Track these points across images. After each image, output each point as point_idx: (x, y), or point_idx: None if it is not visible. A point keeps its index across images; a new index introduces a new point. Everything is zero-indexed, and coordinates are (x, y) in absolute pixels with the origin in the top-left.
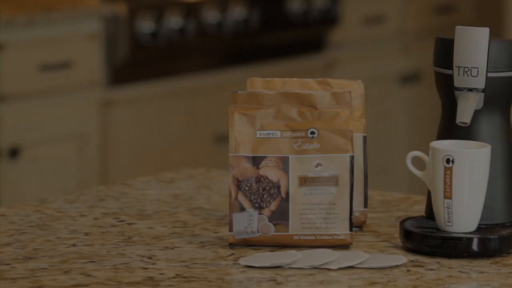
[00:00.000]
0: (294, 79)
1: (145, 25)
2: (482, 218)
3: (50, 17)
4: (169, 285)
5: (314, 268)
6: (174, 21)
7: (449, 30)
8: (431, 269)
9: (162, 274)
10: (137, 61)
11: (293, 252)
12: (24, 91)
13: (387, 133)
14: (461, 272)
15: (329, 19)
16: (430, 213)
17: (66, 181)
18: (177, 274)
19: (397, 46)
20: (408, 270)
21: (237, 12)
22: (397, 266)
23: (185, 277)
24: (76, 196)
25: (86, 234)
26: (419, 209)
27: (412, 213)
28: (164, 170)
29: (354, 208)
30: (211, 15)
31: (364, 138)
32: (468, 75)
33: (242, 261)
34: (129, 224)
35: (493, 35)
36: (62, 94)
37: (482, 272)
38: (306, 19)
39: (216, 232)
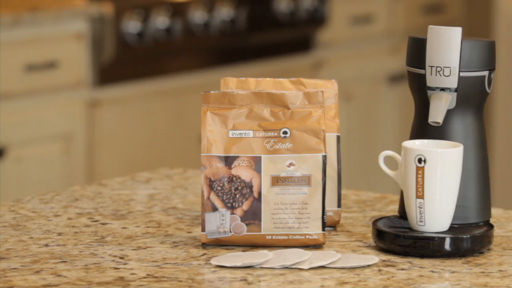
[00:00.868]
0: (267, 78)
1: (131, 25)
2: (455, 218)
3: (36, 17)
4: (139, 285)
5: (286, 268)
6: (160, 21)
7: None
8: (402, 269)
9: (133, 274)
10: (123, 61)
11: (264, 252)
12: (10, 91)
13: (375, 132)
14: (432, 271)
15: (317, 19)
16: (403, 213)
17: (52, 181)
18: (148, 274)
19: (385, 46)
20: (379, 270)
21: (224, 12)
22: (368, 266)
23: (156, 277)
24: (51, 196)
25: (59, 234)
26: (394, 209)
27: (387, 212)
28: (150, 170)
29: (328, 208)
30: (197, 15)
31: (338, 137)
32: (440, 75)
33: (214, 261)
34: (103, 224)
35: (482, 35)
36: (48, 94)
37: (453, 272)
38: (293, 19)
39: (189, 232)
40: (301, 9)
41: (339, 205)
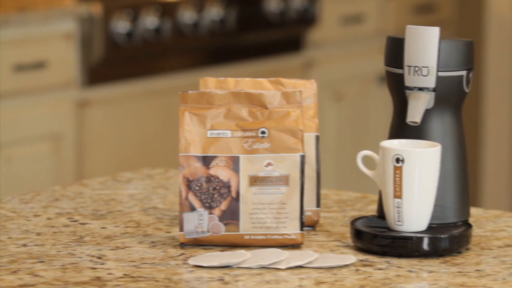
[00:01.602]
0: (246, 78)
1: (121, 25)
2: (434, 218)
3: (24, 17)
4: (116, 285)
5: (263, 267)
6: (149, 21)
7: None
8: (380, 269)
9: (110, 274)
10: (112, 61)
11: (242, 251)
12: None
13: (365, 132)
14: (409, 271)
15: (307, 18)
16: (382, 213)
17: (41, 181)
18: (125, 274)
19: (376, 46)
20: (357, 270)
21: (214, 12)
22: (346, 265)
23: (132, 277)
24: (31, 196)
25: (38, 234)
26: (375, 209)
27: (367, 212)
28: (132, 170)
29: (307, 208)
30: (187, 15)
31: (317, 137)
32: (418, 75)
33: (191, 261)
34: (82, 224)
35: (473, 34)
36: (37, 94)
37: (431, 272)
38: (283, 19)
39: (168, 232)
40: (291, 9)
41: (318, 205)
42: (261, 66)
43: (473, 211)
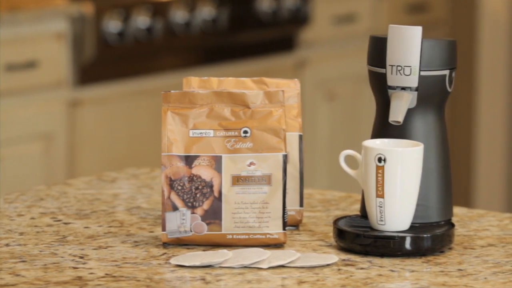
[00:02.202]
0: (230, 78)
1: (112, 25)
2: (416, 217)
3: (16, 17)
4: (97, 285)
5: (245, 267)
6: (141, 20)
7: (422, 29)
8: (362, 268)
9: (91, 273)
10: (104, 61)
11: (224, 251)
12: None
13: (358, 132)
14: (391, 271)
15: (300, 18)
16: (364, 212)
17: (33, 181)
18: (106, 274)
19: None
20: (338, 269)
21: (206, 12)
22: (328, 265)
23: (114, 276)
24: (15, 196)
25: (21, 233)
26: (359, 208)
27: (351, 212)
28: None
29: (290, 207)
30: (179, 15)
31: (300, 137)
32: (401, 74)
33: (173, 261)
34: (66, 223)
35: (466, 34)
36: (29, 94)
37: (413, 271)
38: (276, 18)
39: (151, 232)
40: (284, 8)
41: (301, 205)
42: (254, 65)
43: (457, 210)
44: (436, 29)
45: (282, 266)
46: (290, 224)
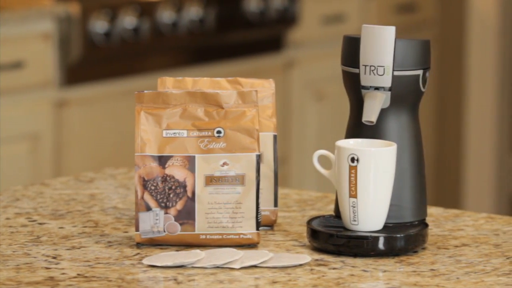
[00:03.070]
0: (204, 78)
1: (99, 25)
2: (390, 217)
3: (2, 17)
4: (68, 285)
5: (218, 267)
6: (128, 21)
7: (411, 30)
8: (334, 268)
9: (63, 274)
10: (90, 61)
11: (197, 251)
12: None
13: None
14: (364, 271)
15: (288, 18)
16: (338, 212)
17: (19, 181)
18: (78, 274)
19: None
20: (311, 269)
21: (193, 12)
22: (300, 265)
23: (86, 276)
24: None
25: None
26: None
27: (326, 212)
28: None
29: (265, 207)
30: (166, 15)
31: (275, 137)
32: (374, 74)
33: (146, 261)
34: (40, 224)
35: (455, 34)
36: (15, 94)
37: (385, 271)
38: (263, 18)
39: (125, 232)
40: (271, 8)
41: (275, 205)
42: (241, 66)
43: (433, 210)
44: (425, 29)
45: (255, 266)
46: (265, 224)
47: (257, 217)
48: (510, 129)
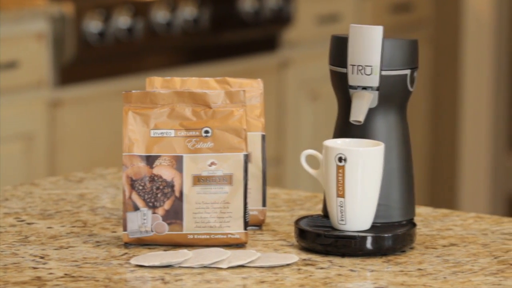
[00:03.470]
0: (193, 78)
1: (93, 25)
2: (378, 217)
3: None
4: (55, 285)
5: (205, 267)
6: (122, 20)
7: (406, 29)
8: (321, 268)
9: (51, 273)
10: (84, 61)
11: (184, 251)
12: None
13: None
14: (351, 270)
15: (282, 18)
16: (326, 212)
17: (13, 181)
18: (65, 274)
19: None
20: (298, 269)
21: (187, 12)
22: (288, 265)
23: (73, 276)
24: None
25: None
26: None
27: (315, 212)
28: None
29: (253, 207)
30: (160, 15)
31: (263, 136)
32: (362, 74)
33: (133, 261)
34: (29, 224)
35: (451, 34)
36: (9, 94)
37: (372, 271)
38: (258, 18)
39: (114, 232)
40: (266, 8)
41: (264, 204)
42: (236, 66)
43: (422, 210)
44: (420, 29)
45: (242, 266)
46: (253, 224)
47: (245, 217)
48: (506, 128)
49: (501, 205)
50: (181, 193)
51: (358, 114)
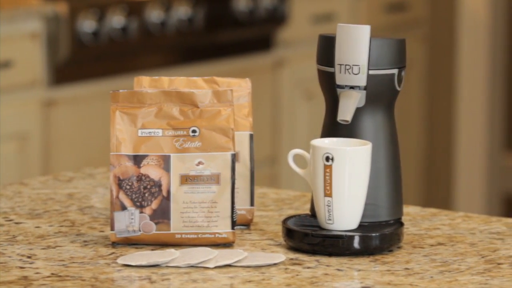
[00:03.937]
0: (181, 77)
1: (87, 25)
2: (366, 216)
3: None
4: (42, 284)
5: (192, 266)
6: (116, 20)
7: (401, 29)
8: (308, 267)
9: (37, 273)
10: (78, 60)
11: (171, 250)
12: None
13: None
14: (338, 270)
15: (277, 17)
16: (314, 211)
17: (7, 181)
18: (52, 273)
19: None
20: (285, 269)
21: (181, 11)
22: (275, 264)
23: (60, 276)
24: None
25: None
26: None
27: (304, 211)
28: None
29: (241, 206)
30: (154, 14)
31: (251, 136)
32: (349, 73)
33: (120, 260)
34: (17, 223)
35: (446, 33)
36: (3, 93)
37: (359, 270)
38: (253, 17)
39: (101, 231)
40: (261, 7)
41: (252, 204)
42: (231, 65)
43: (411, 209)
44: (415, 28)
45: (229, 266)
46: (241, 223)
47: (232, 216)
48: (501, 128)
49: (496, 204)
50: (168, 192)
51: (345, 113)
